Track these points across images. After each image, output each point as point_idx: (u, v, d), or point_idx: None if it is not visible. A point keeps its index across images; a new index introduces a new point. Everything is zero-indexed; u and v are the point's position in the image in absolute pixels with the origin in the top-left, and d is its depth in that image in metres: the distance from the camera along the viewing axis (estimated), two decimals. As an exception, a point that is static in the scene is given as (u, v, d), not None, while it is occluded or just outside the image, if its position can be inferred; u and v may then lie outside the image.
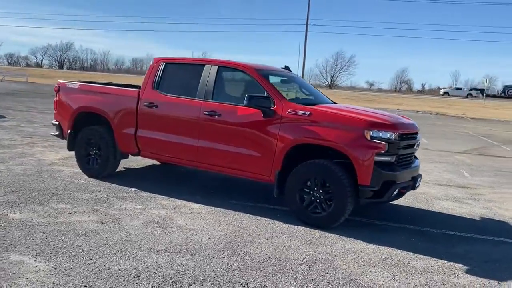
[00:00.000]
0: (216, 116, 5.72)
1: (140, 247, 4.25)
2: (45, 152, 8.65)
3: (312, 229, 5.11)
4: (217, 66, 5.95)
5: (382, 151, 4.92)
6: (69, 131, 6.96)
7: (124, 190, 6.23)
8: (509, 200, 7.39)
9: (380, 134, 4.94)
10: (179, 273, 3.75)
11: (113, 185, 6.46)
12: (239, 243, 4.53)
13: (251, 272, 3.87)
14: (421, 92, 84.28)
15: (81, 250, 4.08)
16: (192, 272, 3.79)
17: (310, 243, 4.70)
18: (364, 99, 44.76)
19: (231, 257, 4.17)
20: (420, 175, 5.64)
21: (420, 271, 4.16)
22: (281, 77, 6.42)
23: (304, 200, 5.23)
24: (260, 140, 5.44)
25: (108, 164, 6.68)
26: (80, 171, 7.03)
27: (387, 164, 5.00)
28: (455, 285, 3.92)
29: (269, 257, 4.22)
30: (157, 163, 8.27)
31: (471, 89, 66.09)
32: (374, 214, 5.88)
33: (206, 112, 5.76)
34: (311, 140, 5.15)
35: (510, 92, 60.62)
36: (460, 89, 66.62)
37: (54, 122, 7.31)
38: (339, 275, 3.94)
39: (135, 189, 6.31)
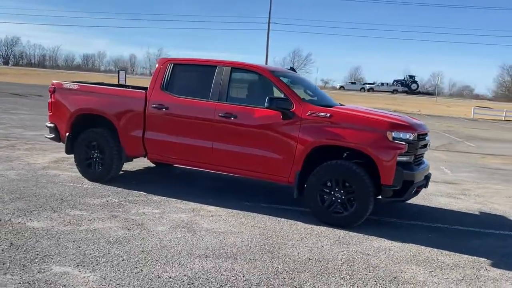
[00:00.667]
0: (232, 118, 5.70)
1: (179, 253, 4.19)
2: (32, 155, 8.27)
3: (334, 229, 5.22)
4: (230, 68, 5.92)
5: (403, 152, 5.10)
6: (67, 133, 6.70)
7: (133, 194, 6.09)
8: (496, 195, 7.83)
9: (401, 135, 5.12)
10: (230, 278, 3.74)
11: (119, 189, 6.30)
12: (273, 245, 4.57)
13: (299, 274, 3.92)
14: (371, 90, 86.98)
15: (121, 259, 3.97)
16: (243, 276, 3.79)
17: (340, 243, 4.80)
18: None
19: (273, 259, 4.20)
20: (430, 174, 5.88)
21: (451, 266, 4.36)
22: (289, 78, 6.47)
23: (325, 200, 5.33)
24: (279, 142, 5.48)
25: (112, 168, 6.49)
26: (79, 175, 6.79)
27: (407, 164, 5.19)
28: (487, 278, 4.15)
29: (309, 259, 4.29)
30: (152, 164, 8.13)
31: (364, 84, 72.08)
32: (385, 212, 6.07)
33: (221, 114, 5.73)
34: (333, 141, 5.25)
35: (398, 86, 65.05)
36: (354, 83, 71.74)
37: (48, 124, 7.01)
38: (381, 274, 4.06)
39: (143, 193, 6.18)
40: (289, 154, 5.44)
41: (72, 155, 6.86)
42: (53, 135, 6.94)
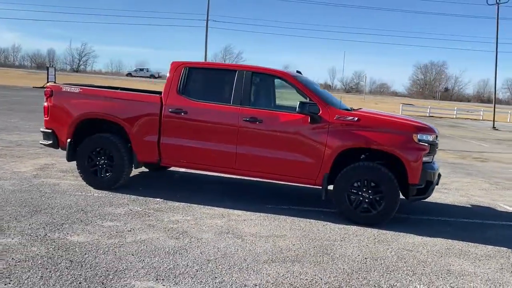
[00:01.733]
0: (257, 122, 5.74)
1: (245, 260, 4.21)
2: (9, 163, 7.67)
3: (364, 228, 5.47)
4: (251, 72, 5.96)
5: (426, 153, 5.48)
6: (69, 140, 6.33)
7: (151, 202, 5.93)
8: (471, 187, 8.59)
9: (424, 137, 5.49)
10: (311, 281, 3.85)
11: (133, 196, 6.09)
12: (324, 247, 4.72)
13: (368, 274, 4.11)
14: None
15: (194, 269, 3.92)
16: (321, 279, 3.91)
17: (379, 241, 5.06)
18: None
19: (334, 261, 4.36)
20: (440, 173, 6.34)
21: (486, 257, 4.79)
22: (305, 83, 6.60)
23: (353, 200, 5.57)
24: (308, 146, 5.62)
25: (123, 174, 6.26)
26: (80, 183, 6.50)
27: (428, 164, 5.58)
28: (521, 266, 4.62)
29: (365, 258, 4.50)
30: (145, 169, 7.91)
31: (153, 73, 73.61)
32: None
33: (247, 119, 5.76)
34: (364, 145, 5.49)
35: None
36: (142, 70, 73.62)
37: (44, 130, 6.56)
38: (436, 268, 4.38)
39: (160, 199, 6.04)
40: (317, 157, 5.60)
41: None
42: (51, 141, 6.51)
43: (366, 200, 5.53)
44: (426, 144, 5.49)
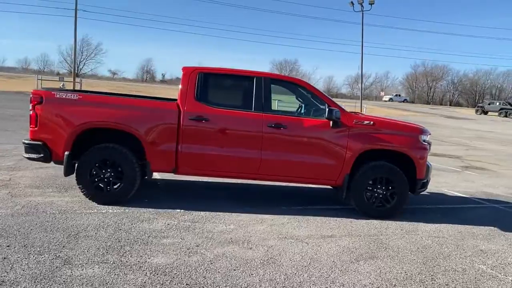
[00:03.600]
0: (281, 128, 5.92)
1: (334, 262, 4.46)
2: (-41, 181, 6.51)
3: (383, 221, 6.07)
4: (269, 79, 6.09)
5: (428, 151, 6.31)
6: (67, 152, 5.69)
7: (175, 213, 5.71)
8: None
9: (425, 138, 6.30)
10: (408, 274, 4.28)
11: (151, 209, 5.78)
12: (376, 242, 5.18)
13: (437, 260, 4.71)
14: (164, 81, 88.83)
15: (306, 276, 4.05)
16: (411, 270, 4.37)
17: (407, 232, 5.71)
18: (121, 89, 44.23)
19: (400, 253, 4.85)
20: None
21: (491, 236, 5.77)
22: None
23: (369, 196, 6.14)
24: (330, 149, 6.00)
25: (135, 186, 5.87)
26: (76, 199, 5.96)
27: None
28: (518, 240, 5.70)
29: (417, 248, 5.09)
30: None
31: None
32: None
33: (271, 125, 5.89)
34: (379, 146, 6.07)
35: None
36: None
37: (31, 142, 5.77)
38: (472, 250, 5.17)
39: (180, 210, 5.84)
40: (339, 159, 6.02)
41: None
42: (41, 155, 5.77)
43: (381, 196, 6.14)
44: (427, 144, 6.30)
